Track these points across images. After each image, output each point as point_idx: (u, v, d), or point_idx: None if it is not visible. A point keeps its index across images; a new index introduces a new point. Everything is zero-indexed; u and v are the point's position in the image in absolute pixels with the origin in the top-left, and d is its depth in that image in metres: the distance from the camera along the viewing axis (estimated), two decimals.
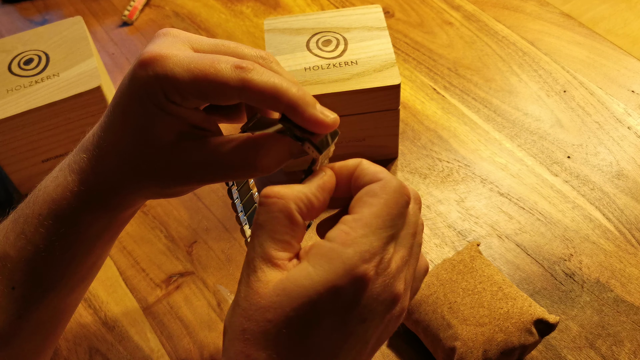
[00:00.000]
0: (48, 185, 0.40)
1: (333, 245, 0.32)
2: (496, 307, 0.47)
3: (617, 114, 0.66)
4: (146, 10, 0.84)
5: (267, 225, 0.33)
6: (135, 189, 0.40)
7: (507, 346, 0.46)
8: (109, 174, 0.39)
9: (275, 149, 0.37)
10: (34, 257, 0.40)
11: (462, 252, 0.52)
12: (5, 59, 0.63)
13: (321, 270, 0.31)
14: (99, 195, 0.39)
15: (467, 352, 0.46)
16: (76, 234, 0.40)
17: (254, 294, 0.32)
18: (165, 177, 0.39)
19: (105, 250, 0.44)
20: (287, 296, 0.31)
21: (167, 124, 0.37)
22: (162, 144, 0.37)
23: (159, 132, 0.37)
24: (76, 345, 0.54)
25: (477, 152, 0.64)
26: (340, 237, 0.32)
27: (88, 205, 0.39)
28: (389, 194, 0.34)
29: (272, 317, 0.31)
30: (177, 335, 0.54)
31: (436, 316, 0.48)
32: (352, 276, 0.31)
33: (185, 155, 0.38)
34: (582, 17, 0.76)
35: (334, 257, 0.31)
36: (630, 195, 0.59)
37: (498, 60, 0.73)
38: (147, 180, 0.39)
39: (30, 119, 0.58)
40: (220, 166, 0.38)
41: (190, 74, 0.35)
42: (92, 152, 0.39)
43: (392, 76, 0.57)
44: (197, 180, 0.39)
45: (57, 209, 0.39)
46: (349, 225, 0.33)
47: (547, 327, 0.47)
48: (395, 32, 0.77)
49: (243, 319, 0.32)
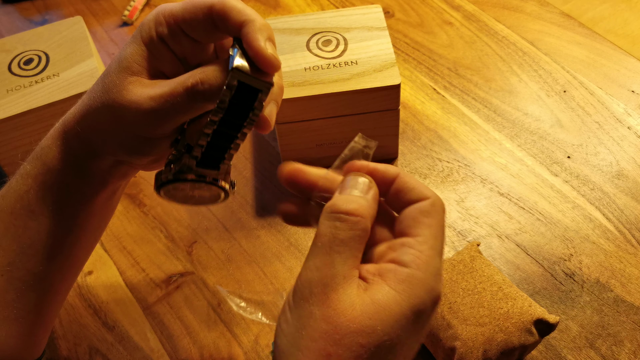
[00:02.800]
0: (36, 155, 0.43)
1: (411, 271, 0.33)
2: (496, 307, 0.47)
3: (617, 114, 0.66)
4: (146, 10, 0.84)
5: (350, 243, 0.34)
6: (115, 146, 0.41)
7: (507, 346, 0.46)
8: (90, 133, 0.41)
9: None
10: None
11: (462, 252, 0.52)
12: (5, 59, 0.63)
13: (406, 295, 0.32)
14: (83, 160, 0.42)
15: (467, 352, 0.46)
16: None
17: (339, 316, 0.32)
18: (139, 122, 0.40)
19: (105, 213, 0.46)
20: (380, 320, 0.32)
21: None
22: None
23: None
24: (76, 345, 0.54)
25: (477, 152, 0.64)
26: (415, 262, 0.33)
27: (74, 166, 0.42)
28: (440, 214, 0.35)
29: (366, 342, 0.32)
30: (177, 335, 0.54)
31: (436, 316, 0.48)
32: (432, 298, 0.33)
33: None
34: (582, 17, 0.76)
35: (415, 282, 0.33)
36: (630, 195, 0.59)
37: (498, 60, 0.73)
38: (125, 130, 0.40)
39: (30, 119, 0.58)
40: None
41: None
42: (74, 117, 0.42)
43: (392, 76, 0.57)
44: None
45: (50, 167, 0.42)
46: (417, 249, 0.34)
47: (547, 327, 0.47)
48: (395, 32, 0.77)
49: (327, 343, 0.31)
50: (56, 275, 0.44)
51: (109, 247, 0.60)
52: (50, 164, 0.42)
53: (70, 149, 0.42)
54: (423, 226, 0.35)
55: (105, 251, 0.60)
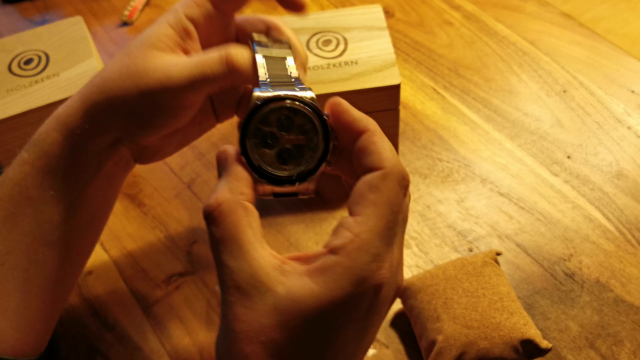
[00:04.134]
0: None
1: (338, 259, 0.30)
2: (489, 315, 0.47)
3: (617, 114, 0.66)
4: (146, 10, 0.84)
5: (226, 235, 0.32)
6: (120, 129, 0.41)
7: (486, 354, 0.46)
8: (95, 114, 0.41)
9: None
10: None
11: (477, 255, 0.52)
12: (5, 59, 0.63)
13: (326, 288, 0.29)
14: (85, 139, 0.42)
15: (446, 348, 0.46)
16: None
17: (250, 314, 0.30)
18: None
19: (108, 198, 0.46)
20: (293, 316, 0.29)
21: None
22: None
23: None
24: (76, 345, 0.54)
25: (477, 152, 0.64)
26: (345, 249, 0.30)
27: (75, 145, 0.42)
28: (391, 189, 0.31)
29: (280, 338, 0.29)
30: (177, 336, 0.54)
31: (430, 306, 0.48)
32: (365, 288, 0.30)
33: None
34: (582, 17, 0.76)
35: (339, 272, 0.30)
36: (630, 195, 0.59)
37: (498, 60, 0.73)
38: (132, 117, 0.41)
39: (30, 119, 0.58)
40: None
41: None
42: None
43: (392, 76, 0.57)
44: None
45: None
46: (353, 231, 0.31)
47: (537, 350, 0.47)
48: (395, 32, 0.77)
49: (243, 344, 0.29)
50: (56, 265, 0.43)
51: (109, 247, 0.60)
52: (48, 149, 0.42)
53: (70, 130, 0.42)
54: (367, 203, 0.31)
55: (105, 251, 0.60)
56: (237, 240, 0.31)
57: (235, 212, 0.32)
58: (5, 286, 0.41)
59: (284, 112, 0.36)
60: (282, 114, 0.36)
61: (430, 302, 0.49)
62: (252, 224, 0.32)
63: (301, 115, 0.36)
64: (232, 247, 0.31)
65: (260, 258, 0.31)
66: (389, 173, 0.32)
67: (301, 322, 0.29)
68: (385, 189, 0.31)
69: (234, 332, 0.30)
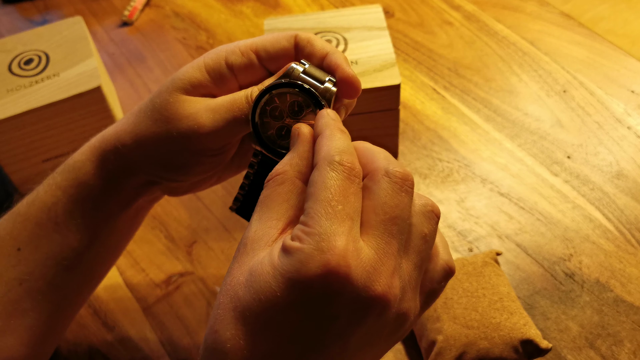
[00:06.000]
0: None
1: (293, 243, 0.30)
2: (489, 315, 0.47)
3: (617, 114, 0.66)
4: (146, 10, 0.84)
5: (266, 201, 0.33)
6: (150, 170, 0.42)
7: (486, 355, 0.46)
8: (127, 155, 0.42)
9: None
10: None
11: (477, 255, 0.52)
12: (5, 59, 0.63)
13: (281, 267, 0.30)
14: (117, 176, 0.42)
15: (446, 348, 0.46)
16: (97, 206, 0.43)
17: (227, 282, 0.32)
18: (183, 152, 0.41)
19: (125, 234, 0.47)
20: (248, 289, 0.30)
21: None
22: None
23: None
24: (76, 345, 0.54)
25: (477, 152, 0.64)
26: (296, 234, 0.31)
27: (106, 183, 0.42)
28: (321, 175, 0.32)
29: (238, 313, 0.30)
30: (177, 336, 0.54)
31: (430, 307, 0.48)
32: (314, 270, 0.29)
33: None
34: (582, 17, 0.76)
35: (291, 251, 0.30)
36: (630, 195, 0.59)
37: (498, 60, 0.73)
38: (164, 163, 0.41)
39: (30, 119, 0.58)
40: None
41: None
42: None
43: (392, 76, 0.57)
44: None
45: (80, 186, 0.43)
46: (301, 222, 0.31)
47: (537, 350, 0.47)
48: (395, 32, 0.77)
49: (221, 294, 0.32)
50: (73, 288, 0.44)
51: None
52: (82, 178, 0.42)
53: (105, 165, 0.42)
54: (307, 197, 0.32)
55: None
56: (268, 206, 0.33)
57: (283, 184, 0.34)
58: (21, 305, 0.42)
59: (295, 98, 0.39)
60: (296, 99, 0.39)
61: None
62: (291, 200, 0.34)
63: (307, 105, 0.39)
64: (262, 210, 0.33)
65: (269, 227, 0.33)
66: (319, 164, 0.33)
67: (255, 300, 0.30)
68: (316, 177, 0.32)
69: (224, 283, 0.32)
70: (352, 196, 0.32)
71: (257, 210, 0.34)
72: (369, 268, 0.30)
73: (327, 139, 0.34)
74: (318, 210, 0.31)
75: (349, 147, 0.34)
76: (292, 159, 0.35)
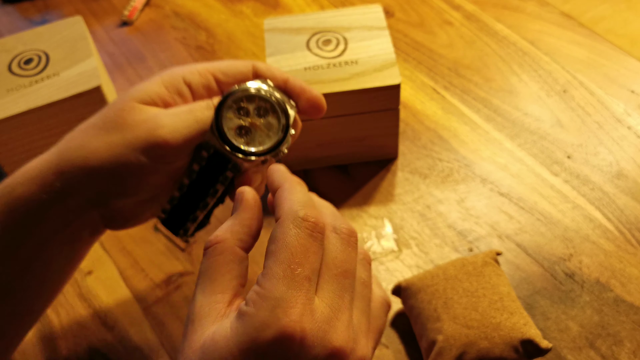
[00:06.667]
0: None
1: (248, 309, 0.30)
2: (489, 315, 0.47)
3: (617, 114, 0.66)
4: (146, 10, 0.84)
5: (208, 272, 0.33)
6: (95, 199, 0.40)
7: (487, 354, 0.46)
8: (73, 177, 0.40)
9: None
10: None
11: (478, 255, 0.52)
12: (5, 59, 0.63)
13: (236, 333, 0.30)
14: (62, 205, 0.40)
15: (446, 348, 0.46)
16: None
17: (187, 346, 0.31)
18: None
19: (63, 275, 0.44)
20: (209, 355, 0.30)
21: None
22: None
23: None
24: (76, 345, 0.54)
25: (477, 152, 0.64)
26: (252, 298, 0.31)
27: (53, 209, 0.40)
28: (285, 233, 0.32)
29: None
30: (177, 335, 0.54)
31: (430, 306, 0.48)
32: (272, 335, 0.29)
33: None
34: (582, 17, 0.76)
35: (246, 320, 0.30)
36: (630, 195, 0.59)
37: (498, 60, 0.73)
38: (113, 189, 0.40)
39: (30, 119, 0.58)
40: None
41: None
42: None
43: (392, 76, 0.57)
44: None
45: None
46: (258, 284, 0.31)
47: (537, 350, 0.47)
48: (395, 32, 0.77)
49: None
50: (8, 320, 0.42)
51: (108, 247, 0.60)
52: (12, 204, 0.40)
53: (40, 187, 0.40)
54: (267, 255, 0.32)
55: (105, 251, 0.60)
56: (211, 278, 0.33)
57: (223, 254, 0.33)
58: None
59: (261, 103, 0.41)
60: (261, 104, 0.41)
61: (430, 302, 0.49)
62: (233, 271, 0.33)
63: (272, 110, 0.42)
64: (205, 282, 0.33)
65: (215, 302, 0.32)
66: (282, 219, 0.32)
67: None
68: (279, 234, 0.32)
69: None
70: (313, 255, 0.32)
71: (199, 282, 0.33)
72: (324, 326, 0.31)
73: (287, 192, 0.34)
74: (276, 273, 0.31)
75: (310, 200, 0.34)
76: (233, 226, 0.34)
